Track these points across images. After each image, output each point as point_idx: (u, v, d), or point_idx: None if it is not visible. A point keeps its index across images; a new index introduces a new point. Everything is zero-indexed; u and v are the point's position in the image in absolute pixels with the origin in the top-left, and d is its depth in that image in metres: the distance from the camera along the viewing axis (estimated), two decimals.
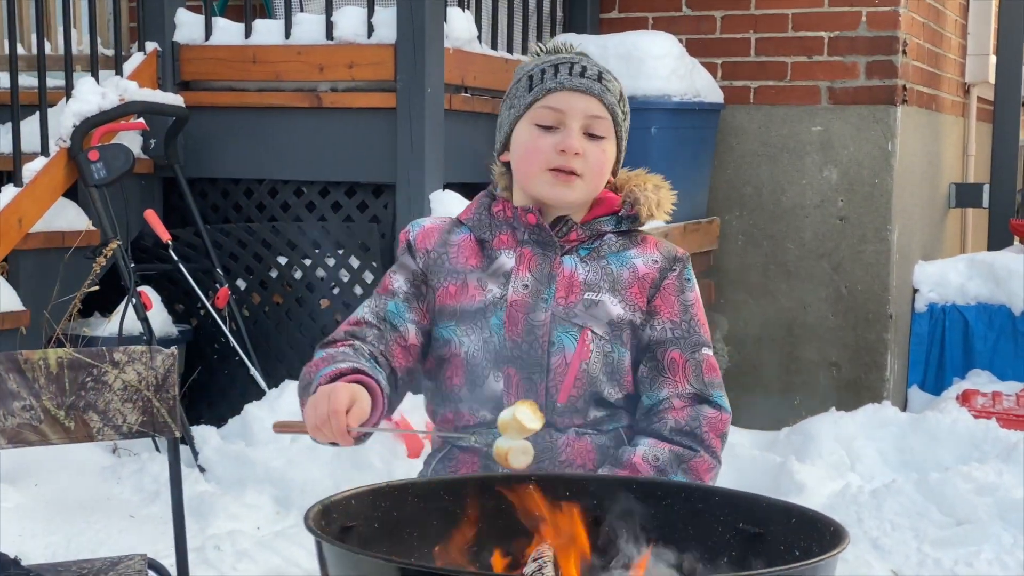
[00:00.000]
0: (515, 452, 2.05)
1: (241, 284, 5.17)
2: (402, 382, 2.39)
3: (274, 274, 5.12)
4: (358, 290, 4.96)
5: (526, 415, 2.05)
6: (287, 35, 5.02)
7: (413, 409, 4.41)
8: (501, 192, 2.50)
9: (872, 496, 4.54)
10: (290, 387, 4.68)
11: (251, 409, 4.63)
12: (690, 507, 1.94)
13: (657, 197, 2.47)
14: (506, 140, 2.46)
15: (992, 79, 7.36)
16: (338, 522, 1.81)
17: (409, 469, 4.32)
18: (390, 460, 4.36)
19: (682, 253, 2.48)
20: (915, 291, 5.98)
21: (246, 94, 5.08)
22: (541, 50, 2.49)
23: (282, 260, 5.09)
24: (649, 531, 1.93)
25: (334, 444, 2.20)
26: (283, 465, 4.40)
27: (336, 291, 5.02)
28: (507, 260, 2.42)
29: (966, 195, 7.04)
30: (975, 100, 7.54)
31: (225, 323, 4.90)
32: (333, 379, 2.21)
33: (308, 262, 5.04)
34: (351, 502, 1.85)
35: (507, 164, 2.49)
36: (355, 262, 4.95)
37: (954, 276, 6.02)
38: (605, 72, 2.42)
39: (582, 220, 2.44)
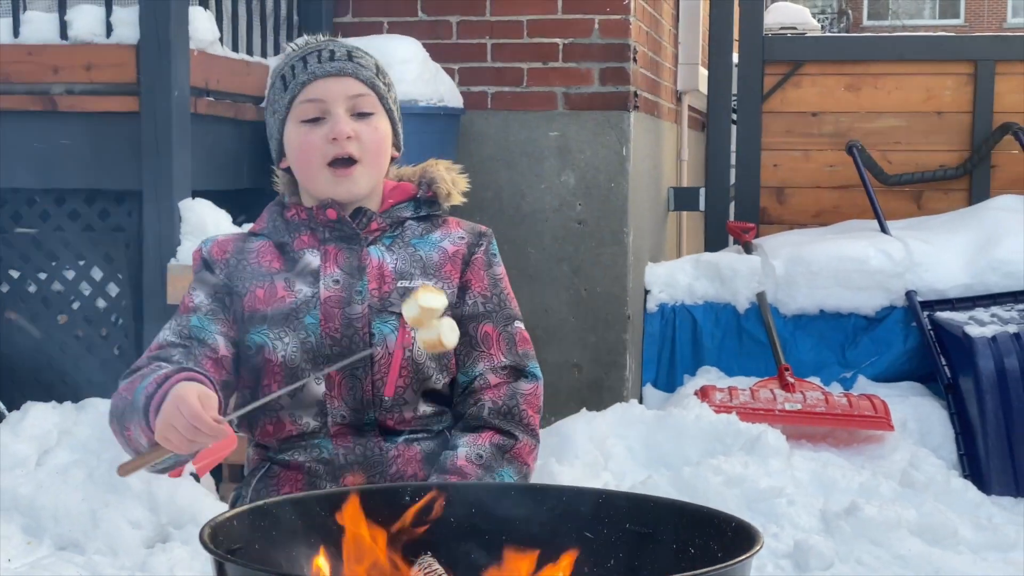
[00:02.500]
0: (445, 331, 2.03)
1: None
2: (220, 397, 2.28)
3: (5, 289, 4.80)
4: (101, 303, 4.72)
5: (428, 298, 2.02)
6: (16, 34, 4.72)
7: None
8: (291, 199, 2.43)
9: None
10: (33, 409, 4.40)
11: None
12: (573, 509, 1.92)
13: (451, 177, 2.46)
14: (279, 147, 2.40)
15: (702, 88, 7.68)
16: (225, 544, 1.70)
17: (172, 487, 4.14)
18: (150, 480, 4.15)
19: (486, 229, 2.48)
20: (647, 292, 6.15)
21: None
22: (294, 48, 2.44)
23: (14, 274, 4.78)
24: (533, 537, 1.90)
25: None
26: (31, 492, 4.13)
27: (76, 305, 4.76)
28: (312, 259, 2.36)
29: (683, 199, 7.30)
30: (686, 108, 7.84)
31: None
32: (160, 384, 2.10)
33: (43, 275, 4.76)
34: (233, 523, 1.74)
35: (288, 170, 2.43)
36: (98, 274, 4.70)
37: (682, 276, 6.21)
38: (355, 50, 2.39)
39: (380, 209, 2.39)
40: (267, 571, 1.56)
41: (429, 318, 2.02)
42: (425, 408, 2.35)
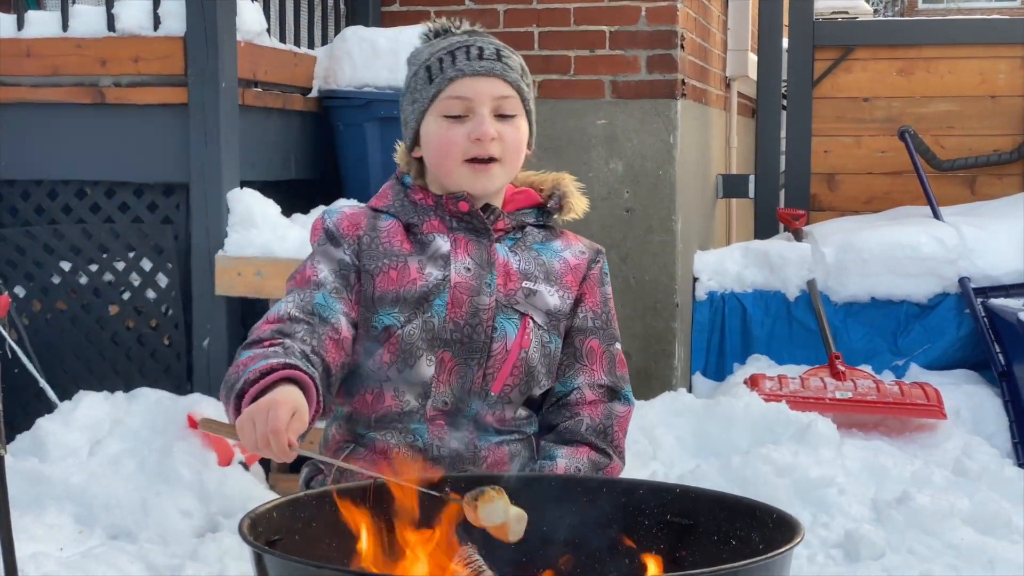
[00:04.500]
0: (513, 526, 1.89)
1: (20, 291, 4.88)
2: (335, 379, 2.25)
3: (57, 280, 4.85)
4: (151, 294, 4.76)
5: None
6: (64, 27, 4.76)
7: (222, 416, 4.25)
8: (415, 180, 2.41)
9: (679, 482, 4.62)
10: (85, 399, 4.44)
11: (43, 424, 4.37)
12: (613, 501, 1.91)
13: (579, 195, 2.46)
14: (414, 136, 2.38)
15: (751, 74, 7.62)
16: (265, 535, 1.70)
17: (221, 476, 4.16)
18: (200, 470, 4.18)
19: (601, 247, 2.49)
20: (695, 280, 6.11)
21: (20, 89, 4.79)
22: (430, 33, 2.41)
23: (65, 265, 4.83)
24: (575, 527, 1.90)
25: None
26: (83, 481, 4.17)
27: (127, 296, 4.80)
28: (442, 243, 2.34)
29: (733, 186, 7.26)
30: (735, 94, 7.78)
31: (5, 333, 4.61)
32: (264, 374, 2.04)
33: (95, 267, 4.80)
34: (273, 514, 1.74)
35: (419, 159, 2.41)
36: (147, 265, 4.74)
37: (731, 264, 6.17)
38: (503, 48, 2.37)
39: (506, 211, 2.38)
40: (305, 563, 1.56)
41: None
42: (521, 411, 2.35)
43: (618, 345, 2.43)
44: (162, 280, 4.74)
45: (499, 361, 2.29)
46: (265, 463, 4.47)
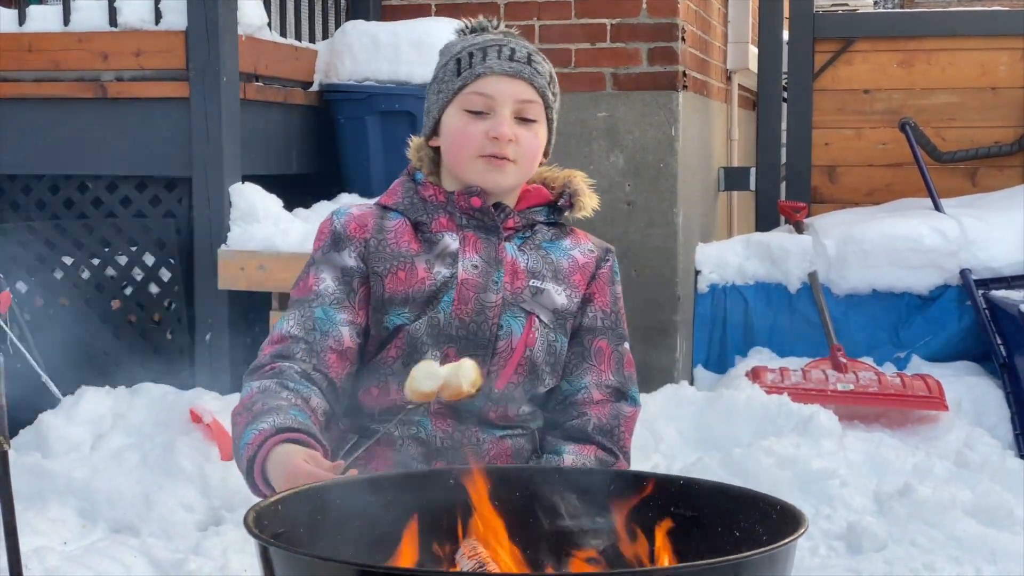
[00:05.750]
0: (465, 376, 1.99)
1: (22, 287, 4.88)
2: (341, 390, 2.27)
3: (59, 275, 4.86)
4: (154, 288, 4.77)
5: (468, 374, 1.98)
6: (66, 22, 4.77)
7: (224, 410, 4.27)
8: (428, 177, 2.40)
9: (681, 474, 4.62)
10: (88, 393, 4.45)
11: (46, 418, 4.38)
12: (618, 493, 1.91)
13: (590, 192, 2.45)
14: (435, 125, 2.38)
15: (752, 66, 7.62)
16: (270, 528, 1.70)
17: (224, 470, 4.17)
18: (202, 464, 4.19)
19: (611, 246, 2.48)
20: (697, 272, 6.11)
21: (21, 84, 4.80)
22: (466, 28, 2.41)
23: (67, 260, 4.83)
24: (580, 519, 1.90)
25: None
26: (86, 476, 4.18)
27: (129, 290, 4.81)
28: (451, 241, 2.34)
29: (734, 178, 7.26)
30: (736, 87, 7.78)
31: (7, 329, 4.62)
32: (259, 444, 2.06)
33: (97, 262, 4.81)
34: (278, 507, 1.75)
35: (435, 148, 2.40)
36: (150, 259, 4.75)
37: (732, 257, 6.17)
38: (535, 54, 2.36)
39: (516, 208, 2.38)
40: (312, 556, 1.56)
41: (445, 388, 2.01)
42: (525, 408, 2.35)
43: (627, 345, 2.42)
44: (164, 275, 4.75)
45: (504, 358, 2.30)
46: None
